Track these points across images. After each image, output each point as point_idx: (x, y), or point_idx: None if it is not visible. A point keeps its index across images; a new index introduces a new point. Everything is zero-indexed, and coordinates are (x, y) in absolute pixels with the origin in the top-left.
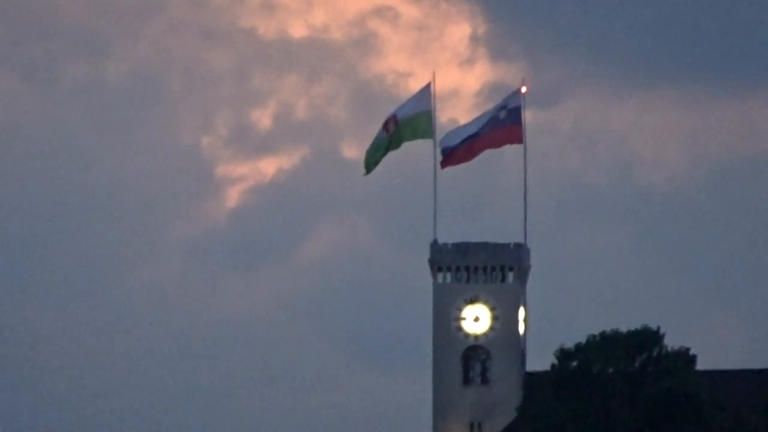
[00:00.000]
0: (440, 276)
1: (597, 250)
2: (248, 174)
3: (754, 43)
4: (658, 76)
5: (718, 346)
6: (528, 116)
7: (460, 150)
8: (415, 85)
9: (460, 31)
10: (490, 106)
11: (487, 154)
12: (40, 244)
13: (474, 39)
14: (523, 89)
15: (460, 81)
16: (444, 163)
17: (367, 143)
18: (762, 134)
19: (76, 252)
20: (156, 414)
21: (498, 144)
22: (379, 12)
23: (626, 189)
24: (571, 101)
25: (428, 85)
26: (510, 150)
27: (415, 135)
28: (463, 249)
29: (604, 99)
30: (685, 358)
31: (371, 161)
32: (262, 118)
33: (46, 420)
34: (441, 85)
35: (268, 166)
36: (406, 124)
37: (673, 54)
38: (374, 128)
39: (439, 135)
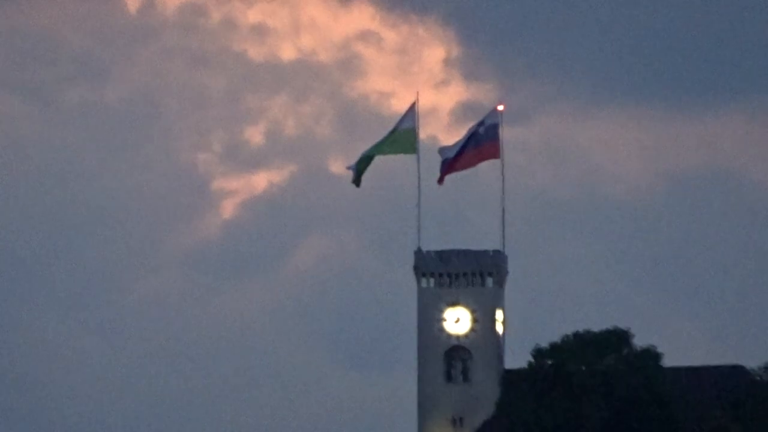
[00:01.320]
0: (424, 281)
1: (569, 257)
2: (241, 188)
3: (708, 66)
4: (621, 96)
5: (682, 345)
6: (502, 133)
7: (454, 164)
8: (397, 105)
9: (436, 55)
10: (464, 124)
11: (465, 170)
12: (45, 256)
13: (448, 62)
14: (500, 107)
15: (436, 101)
16: (441, 178)
17: (352, 160)
18: (715, 148)
19: (79, 263)
20: (155, 414)
21: (479, 159)
22: (363, 36)
23: (592, 200)
24: (540, 119)
25: (413, 105)
26: (487, 164)
27: (399, 150)
28: (445, 256)
29: (571, 117)
30: (652, 356)
31: (359, 175)
32: (254, 136)
33: (49, 419)
34: (419, 105)
35: (260, 181)
36: (391, 137)
37: (634, 75)
38: (359, 145)
39: (420, 151)
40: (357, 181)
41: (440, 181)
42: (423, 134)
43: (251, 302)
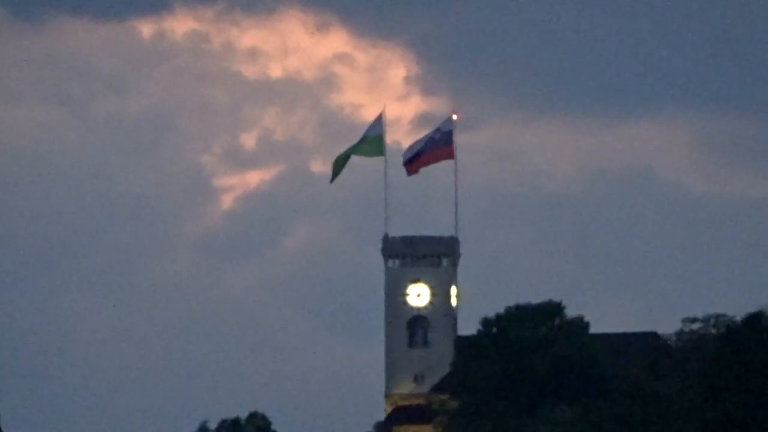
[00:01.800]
0: (390, 262)
1: (512, 242)
2: (238, 184)
3: (628, 81)
4: (554, 107)
5: (606, 315)
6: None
7: (414, 163)
8: (367, 115)
9: (399, 73)
10: (422, 131)
11: (427, 167)
12: (74, 243)
13: (409, 79)
14: (455, 117)
15: (398, 112)
16: (409, 172)
17: (330, 161)
18: (634, 151)
19: (103, 249)
20: (167, 377)
21: (436, 159)
22: (340, 58)
23: (531, 194)
24: (487, 127)
25: (381, 114)
26: (443, 164)
27: (370, 153)
28: (408, 241)
29: (513, 125)
30: (581, 324)
31: (335, 174)
32: (249, 141)
33: (72, 384)
34: (386, 115)
35: (254, 178)
36: (363, 142)
37: (567, 89)
38: (336, 148)
39: (387, 154)
40: (332, 179)
41: (410, 173)
42: (389, 140)
43: (248, 280)
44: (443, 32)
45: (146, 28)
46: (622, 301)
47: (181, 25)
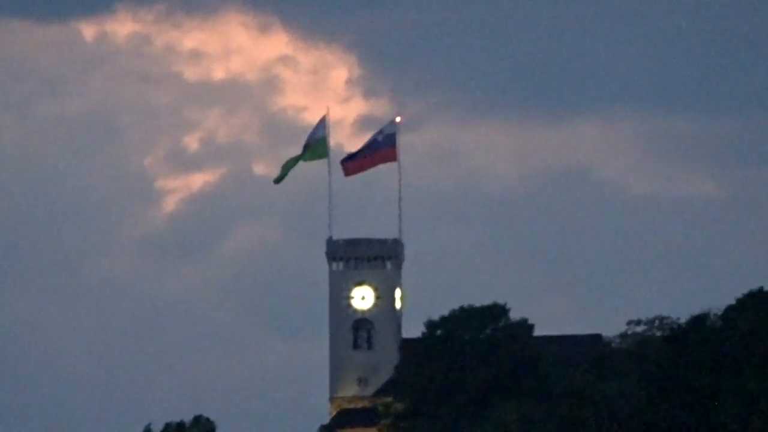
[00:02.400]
0: (335, 264)
1: (455, 244)
2: (181, 186)
3: (567, 81)
4: (496, 107)
5: (550, 317)
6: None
7: (354, 163)
8: (310, 117)
9: (340, 75)
10: (365, 133)
11: (370, 169)
12: (16, 245)
13: (350, 81)
14: (398, 119)
15: (341, 114)
16: (346, 172)
17: (273, 163)
18: (574, 151)
19: (45, 250)
20: (110, 376)
21: (379, 162)
22: (283, 60)
23: (473, 195)
24: (426, 128)
25: (324, 117)
26: (386, 166)
27: (315, 156)
28: (352, 243)
29: (453, 126)
30: (525, 326)
31: (282, 175)
32: (192, 143)
33: (12, 383)
34: (328, 117)
35: (197, 180)
36: (309, 147)
37: (507, 90)
38: (280, 150)
39: (330, 156)
40: (278, 180)
41: (346, 173)
42: (332, 142)
43: (191, 281)
44: (384, 33)
45: (88, 30)
46: (566, 303)
47: (122, 27)
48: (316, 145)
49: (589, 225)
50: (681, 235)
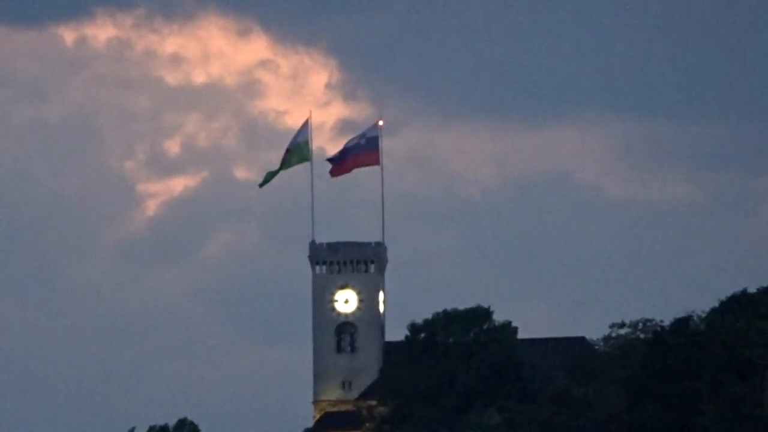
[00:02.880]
0: (318, 268)
1: (437, 247)
2: (162, 190)
3: (548, 85)
4: (475, 111)
5: (534, 320)
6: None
7: (339, 165)
8: (291, 121)
9: (320, 79)
10: (344, 136)
11: (352, 172)
12: None
13: (330, 86)
14: (381, 122)
15: (321, 118)
16: (332, 173)
17: (254, 167)
18: (554, 155)
19: (26, 254)
20: (92, 380)
21: (360, 165)
22: (263, 64)
23: (451, 199)
24: (406, 132)
25: (306, 121)
26: (368, 170)
27: (298, 161)
28: (335, 247)
29: (433, 129)
30: (508, 329)
31: (267, 179)
32: (172, 147)
33: None
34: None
35: (177, 185)
36: (292, 151)
37: (487, 93)
38: (260, 155)
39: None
40: (262, 184)
41: (333, 175)
42: (313, 146)
43: (170, 286)
44: (364, 38)
45: (68, 34)
46: (550, 306)
47: (101, 32)
48: (298, 148)
49: (568, 229)
50: (661, 239)
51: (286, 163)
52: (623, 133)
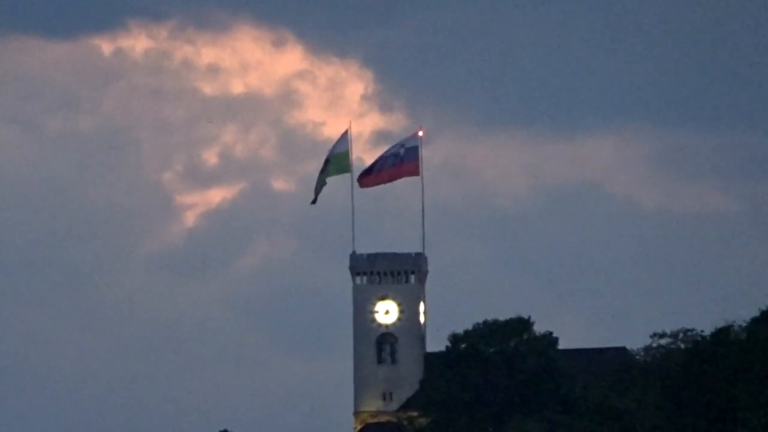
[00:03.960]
0: (358, 279)
1: (476, 257)
2: (200, 202)
3: (580, 95)
4: (507, 121)
5: (574, 331)
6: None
7: (371, 176)
8: (329, 132)
9: (357, 90)
10: (380, 146)
11: (392, 182)
12: (35, 261)
13: (365, 97)
14: (420, 133)
15: (357, 129)
16: (362, 185)
17: (292, 178)
18: (585, 165)
19: (65, 266)
20: (132, 392)
21: (399, 176)
22: (301, 75)
23: (484, 210)
24: (440, 142)
25: (346, 132)
26: (407, 180)
27: (338, 171)
28: (375, 258)
29: (465, 140)
30: (549, 340)
31: (318, 191)
32: (210, 158)
33: (34, 395)
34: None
35: (215, 196)
36: (331, 162)
37: (519, 103)
38: (298, 166)
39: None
40: (315, 201)
41: (362, 185)
42: (352, 157)
43: (209, 297)
44: (398, 49)
45: (105, 46)
46: (589, 317)
47: (137, 43)
48: (338, 159)
49: (601, 239)
50: (697, 249)
51: (325, 174)
52: (656, 143)
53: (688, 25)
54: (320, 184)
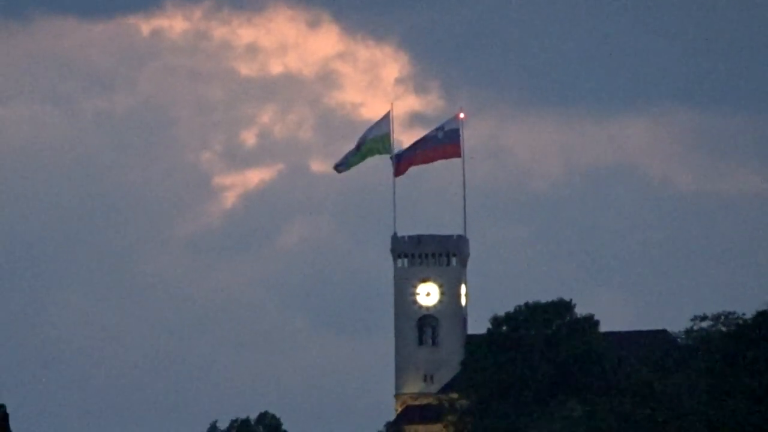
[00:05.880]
0: (399, 261)
1: (517, 239)
2: (238, 182)
3: (616, 76)
4: (542, 104)
5: (616, 313)
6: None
7: (404, 162)
8: (367, 113)
9: (393, 72)
10: (416, 128)
11: (434, 164)
12: (71, 242)
13: (400, 79)
14: (462, 115)
15: (394, 110)
16: (396, 173)
17: (330, 159)
18: (620, 147)
19: (103, 246)
20: (170, 374)
21: (438, 158)
22: (341, 56)
23: (522, 192)
24: (476, 125)
25: (387, 113)
26: (446, 162)
27: (377, 152)
28: (417, 240)
29: (501, 123)
30: (590, 322)
31: (347, 165)
32: (248, 139)
33: (73, 373)
34: (380, 113)
35: (254, 177)
36: (372, 143)
37: (552, 86)
38: (336, 147)
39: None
40: (340, 169)
41: (397, 173)
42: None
43: (247, 277)
44: (434, 30)
45: (143, 26)
46: (631, 300)
47: (174, 23)
48: (380, 140)
49: (638, 221)
50: (736, 231)
51: (360, 154)
52: (692, 125)
53: (725, 4)
54: (351, 160)
